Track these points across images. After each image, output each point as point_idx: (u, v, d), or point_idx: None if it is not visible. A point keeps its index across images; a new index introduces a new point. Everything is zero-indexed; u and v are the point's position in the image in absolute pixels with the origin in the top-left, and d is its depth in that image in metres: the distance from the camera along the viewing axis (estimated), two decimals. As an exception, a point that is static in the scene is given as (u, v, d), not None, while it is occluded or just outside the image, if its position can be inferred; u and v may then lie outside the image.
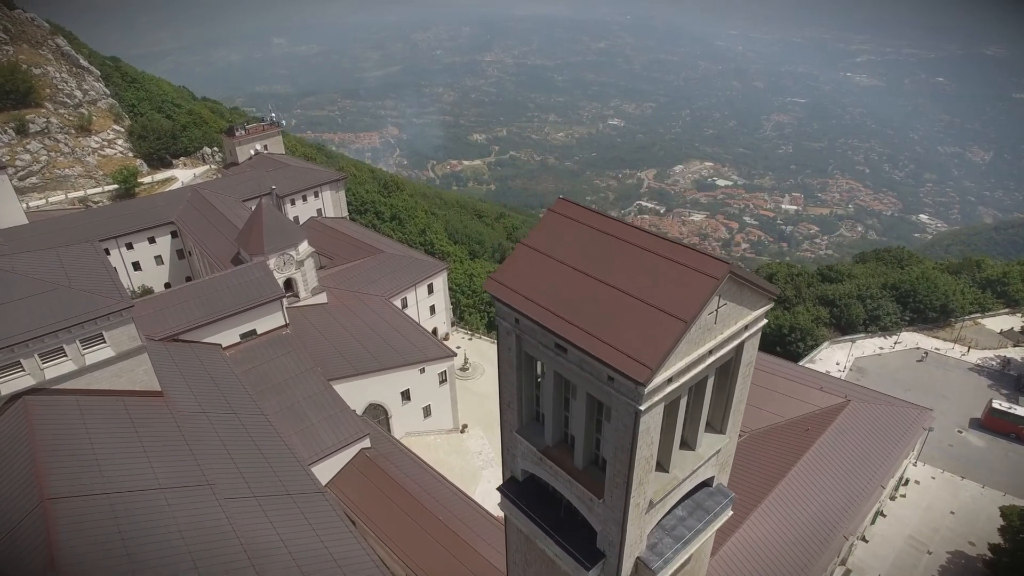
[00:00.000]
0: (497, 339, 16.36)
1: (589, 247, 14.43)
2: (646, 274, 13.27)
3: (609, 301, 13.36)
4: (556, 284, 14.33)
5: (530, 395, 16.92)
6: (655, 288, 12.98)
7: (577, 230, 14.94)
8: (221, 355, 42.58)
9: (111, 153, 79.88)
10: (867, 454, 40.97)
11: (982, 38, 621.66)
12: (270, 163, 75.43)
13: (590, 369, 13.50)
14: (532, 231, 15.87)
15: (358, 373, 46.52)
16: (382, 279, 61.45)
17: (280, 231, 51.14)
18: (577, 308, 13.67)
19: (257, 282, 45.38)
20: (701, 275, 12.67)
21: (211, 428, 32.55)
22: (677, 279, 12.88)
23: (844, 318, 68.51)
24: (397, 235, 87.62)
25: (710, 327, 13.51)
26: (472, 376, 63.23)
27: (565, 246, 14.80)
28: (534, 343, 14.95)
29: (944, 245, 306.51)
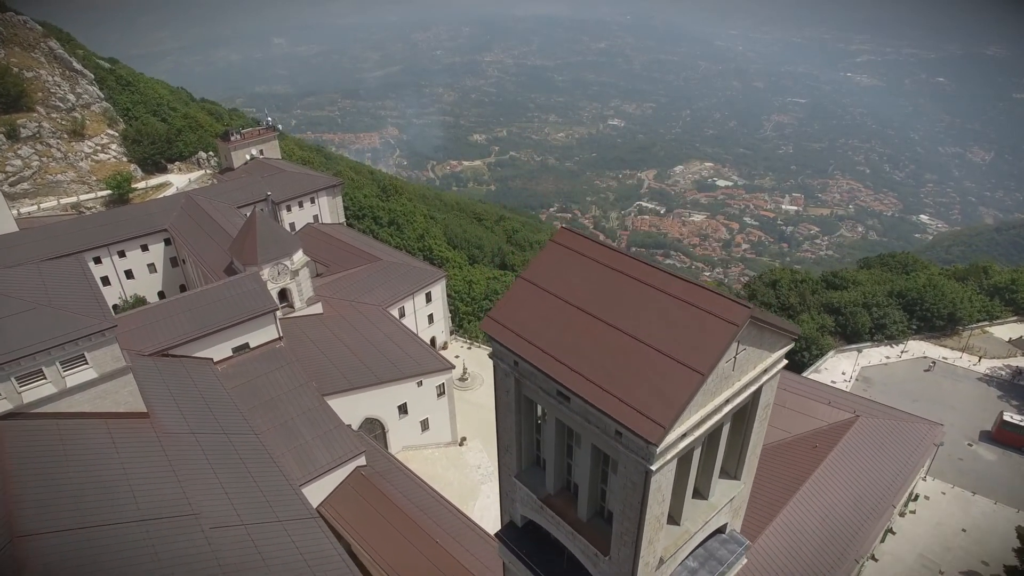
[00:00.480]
0: (495, 380, 15.15)
1: (595, 284, 13.21)
2: (658, 317, 12.06)
3: (617, 346, 12.15)
4: (558, 325, 13.12)
5: (530, 438, 15.73)
6: (668, 334, 11.77)
7: (581, 264, 13.71)
8: (212, 370, 41.39)
9: (105, 158, 78.67)
10: (877, 472, 39.81)
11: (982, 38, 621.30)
12: (266, 168, 74.22)
13: (595, 421, 12.31)
14: (532, 263, 14.63)
15: (354, 387, 45.33)
16: (379, 288, 60.25)
17: (274, 240, 49.95)
18: (581, 353, 12.46)
19: (250, 294, 44.18)
20: (719, 320, 11.46)
21: (199, 450, 31.35)
22: (692, 324, 11.67)
23: (850, 326, 67.31)
24: (395, 241, 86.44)
25: (727, 375, 12.31)
26: (471, 387, 62.02)
27: (568, 282, 13.57)
28: (534, 388, 13.75)
29: (945, 246, 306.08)
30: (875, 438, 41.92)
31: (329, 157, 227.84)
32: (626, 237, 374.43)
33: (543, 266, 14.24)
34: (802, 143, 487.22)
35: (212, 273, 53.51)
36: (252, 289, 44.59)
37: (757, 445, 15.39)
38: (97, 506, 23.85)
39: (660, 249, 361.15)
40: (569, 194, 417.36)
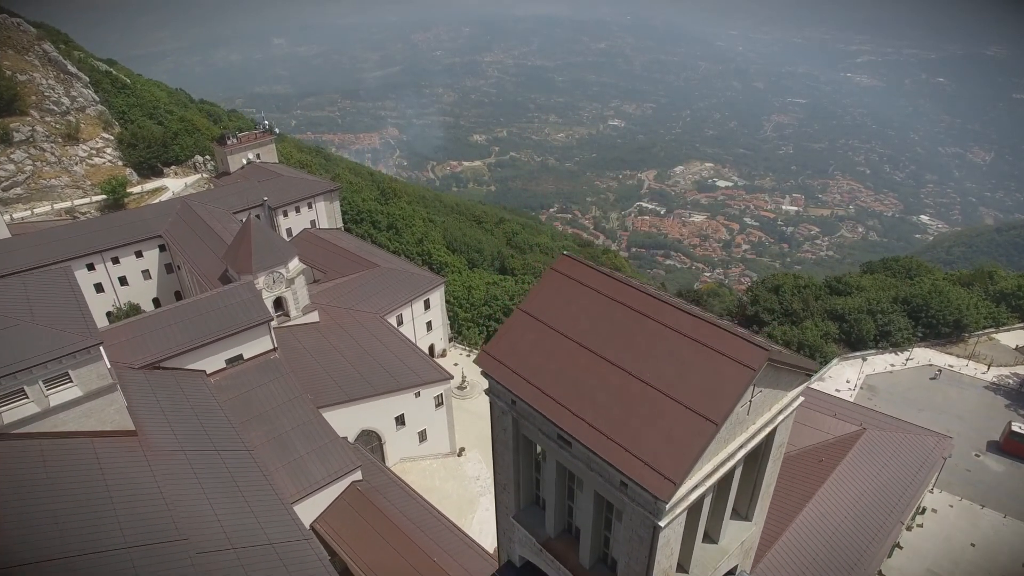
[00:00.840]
0: (491, 417, 14.23)
1: (598, 318, 12.28)
2: (667, 357, 11.15)
3: (622, 389, 11.24)
4: (559, 362, 12.21)
5: (529, 476, 14.81)
6: (678, 376, 10.86)
7: (585, 296, 12.79)
8: (205, 382, 40.48)
9: (100, 162, 77.72)
10: (884, 487, 38.92)
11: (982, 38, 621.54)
12: (262, 173, 73.30)
13: (599, 470, 11.41)
14: (531, 294, 13.71)
15: (350, 399, 44.44)
16: (377, 295, 59.35)
17: (269, 248, 49.04)
18: (584, 395, 11.56)
19: (244, 304, 43.27)
20: (734, 364, 10.55)
21: (189, 469, 30.45)
22: (705, 367, 10.76)
23: (854, 333, 66.38)
24: (394, 245, 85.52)
25: (742, 419, 11.41)
26: (470, 395, 61.10)
27: (570, 315, 12.66)
28: (533, 428, 12.83)
29: (945, 246, 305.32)
30: (882, 451, 41.02)
31: (328, 158, 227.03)
32: (626, 238, 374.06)
33: (542, 297, 13.32)
34: (802, 143, 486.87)
35: (207, 281, 52.62)
36: (246, 299, 43.68)
37: (770, 485, 14.49)
38: (80, 533, 22.96)
39: (660, 250, 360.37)
40: (569, 195, 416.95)
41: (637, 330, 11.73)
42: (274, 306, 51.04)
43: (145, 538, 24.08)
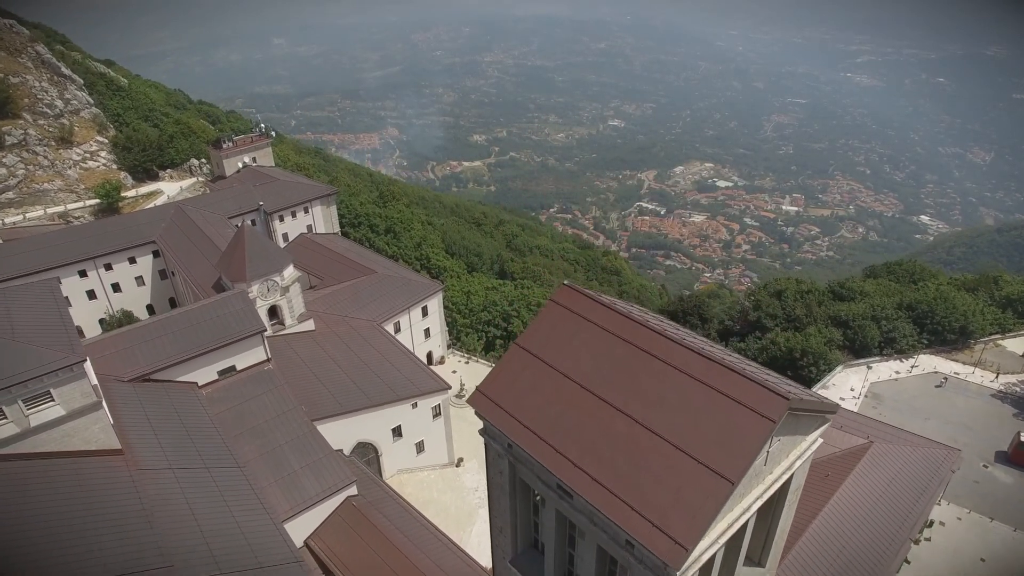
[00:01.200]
0: (486, 458, 13.26)
1: (603, 358, 11.31)
2: (679, 405, 10.19)
3: (629, 438, 10.28)
4: (560, 406, 11.24)
5: (527, 519, 13.84)
6: (691, 427, 9.90)
7: (587, 331, 11.82)
8: (196, 395, 39.52)
9: (94, 166, 76.68)
10: (893, 503, 37.96)
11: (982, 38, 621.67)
12: (258, 177, 72.30)
13: (603, 525, 10.43)
14: (530, 328, 12.72)
15: (346, 411, 43.49)
16: (373, 302, 58.37)
17: (263, 256, 48.07)
18: (587, 444, 10.60)
19: (237, 314, 42.30)
20: (752, 415, 9.59)
21: (177, 488, 29.48)
22: (720, 416, 9.80)
23: (858, 340, 65.40)
24: (392, 249, 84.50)
25: (759, 471, 10.44)
26: (468, 404, 60.11)
27: (572, 353, 11.68)
28: (531, 475, 11.85)
29: (946, 247, 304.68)
30: (890, 465, 40.06)
31: (328, 159, 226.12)
32: (626, 238, 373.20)
33: (541, 331, 12.33)
34: (802, 143, 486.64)
35: (200, 289, 51.67)
36: (239, 309, 42.71)
37: (784, 530, 13.52)
38: (59, 562, 21.99)
39: (660, 250, 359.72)
40: (569, 195, 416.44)
41: (644, 372, 10.77)
42: (269, 314, 50.14)
43: (128, 566, 23.11)
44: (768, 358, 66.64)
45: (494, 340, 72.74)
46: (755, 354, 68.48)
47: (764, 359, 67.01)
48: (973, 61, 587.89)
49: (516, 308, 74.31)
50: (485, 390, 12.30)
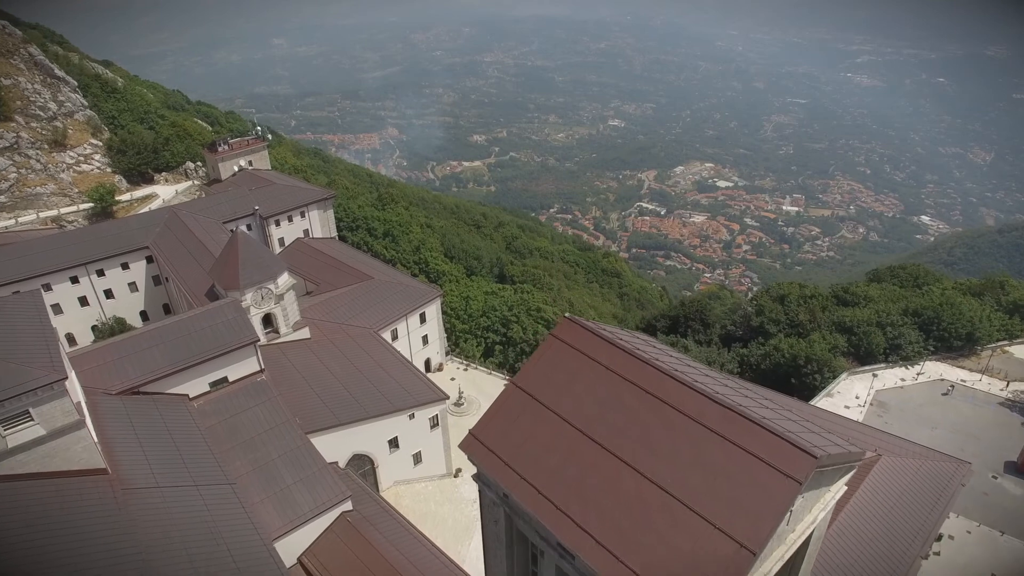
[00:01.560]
0: (480, 506, 12.22)
1: (609, 403, 10.27)
2: (692, 459, 9.16)
3: (637, 497, 9.25)
4: (561, 456, 10.20)
5: (525, 570, 12.78)
6: (706, 485, 8.86)
7: (591, 372, 10.77)
8: (187, 408, 38.48)
9: (87, 169, 75.62)
10: (902, 519, 36.95)
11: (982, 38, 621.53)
12: (254, 180, 71.23)
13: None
14: (528, 365, 11.69)
15: (341, 424, 42.45)
16: (370, 309, 57.35)
17: (257, 263, 47.04)
18: (590, 500, 9.57)
19: (229, 324, 41.26)
20: (776, 474, 8.57)
21: (164, 509, 28.46)
22: (739, 476, 8.77)
23: (863, 347, 64.37)
24: (390, 253, 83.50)
25: (781, 532, 9.39)
26: (467, 412, 59.06)
27: (574, 396, 10.64)
28: (529, 529, 10.81)
29: (947, 248, 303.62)
30: (899, 480, 39.05)
31: (327, 160, 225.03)
32: (626, 238, 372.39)
33: (541, 370, 11.29)
34: (802, 144, 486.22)
35: (193, 296, 50.65)
36: (231, 319, 41.66)
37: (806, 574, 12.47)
38: (35, 593, 20.96)
39: (660, 250, 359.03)
40: (569, 195, 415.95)
41: (654, 420, 9.73)
42: (263, 323, 49.15)
43: (109, 596, 22.09)
44: (771, 364, 65.66)
45: (493, 346, 71.76)
46: (758, 360, 67.52)
47: (767, 365, 66.05)
48: (973, 61, 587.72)
49: (516, 313, 73.32)
50: (479, 434, 11.27)
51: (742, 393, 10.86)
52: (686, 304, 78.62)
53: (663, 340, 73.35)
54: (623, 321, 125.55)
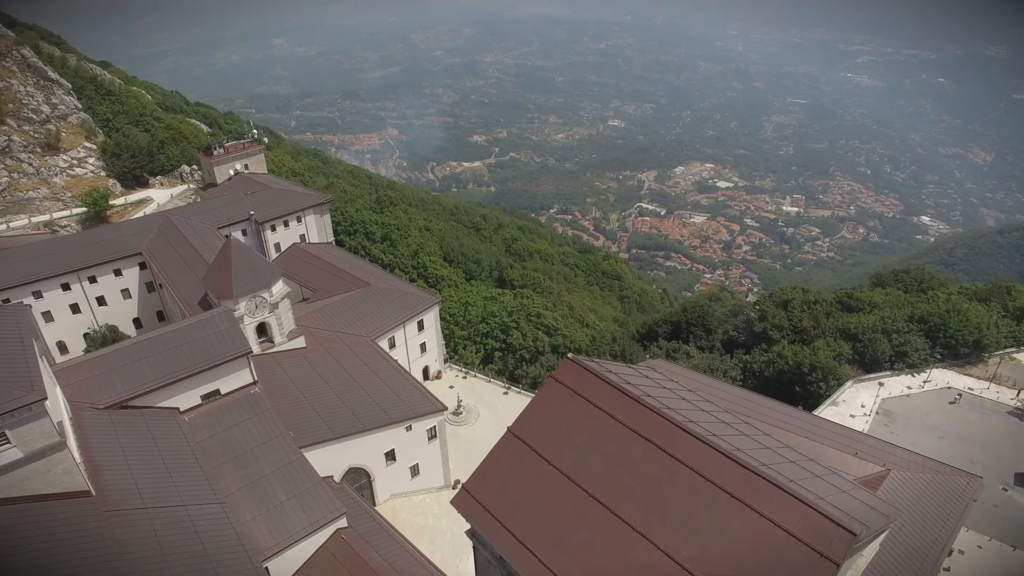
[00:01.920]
0: (475, 563, 11.17)
1: (616, 458, 9.21)
2: (714, 531, 8.07)
3: (651, 571, 8.14)
4: (563, 518, 9.14)
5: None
6: (730, 563, 7.76)
7: (595, 421, 9.71)
8: (177, 422, 37.44)
9: (81, 173, 74.59)
10: (912, 538, 35.83)
11: (983, 38, 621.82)
12: (250, 184, 70.19)
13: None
14: (526, 412, 10.64)
15: (336, 437, 41.40)
16: (367, 316, 56.32)
17: (251, 271, 45.97)
18: (595, 568, 8.46)
19: (221, 336, 40.21)
20: (812, 554, 7.45)
21: (150, 533, 27.40)
22: (765, 550, 7.66)
23: (868, 354, 63.31)
24: (388, 257, 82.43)
25: (813, 611, 8.29)
26: (466, 421, 58.06)
27: (577, 449, 9.59)
28: (529, 596, 9.71)
29: (947, 248, 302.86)
30: (909, 496, 37.96)
31: (326, 161, 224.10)
32: (626, 239, 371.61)
33: (541, 418, 10.23)
34: (803, 144, 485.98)
35: (186, 304, 49.61)
36: (224, 330, 40.61)
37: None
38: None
39: (661, 251, 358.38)
40: (569, 195, 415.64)
41: (666, 480, 8.67)
42: (257, 332, 48.11)
43: (88, 630, 21.05)
44: (775, 372, 64.60)
45: (492, 352, 70.74)
46: (761, 367, 66.48)
47: (771, 372, 64.99)
48: (973, 61, 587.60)
49: (515, 319, 72.27)
50: (473, 489, 10.23)
51: (760, 444, 9.79)
52: (688, 309, 77.55)
53: (665, 346, 72.28)
54: (624, 324, 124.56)
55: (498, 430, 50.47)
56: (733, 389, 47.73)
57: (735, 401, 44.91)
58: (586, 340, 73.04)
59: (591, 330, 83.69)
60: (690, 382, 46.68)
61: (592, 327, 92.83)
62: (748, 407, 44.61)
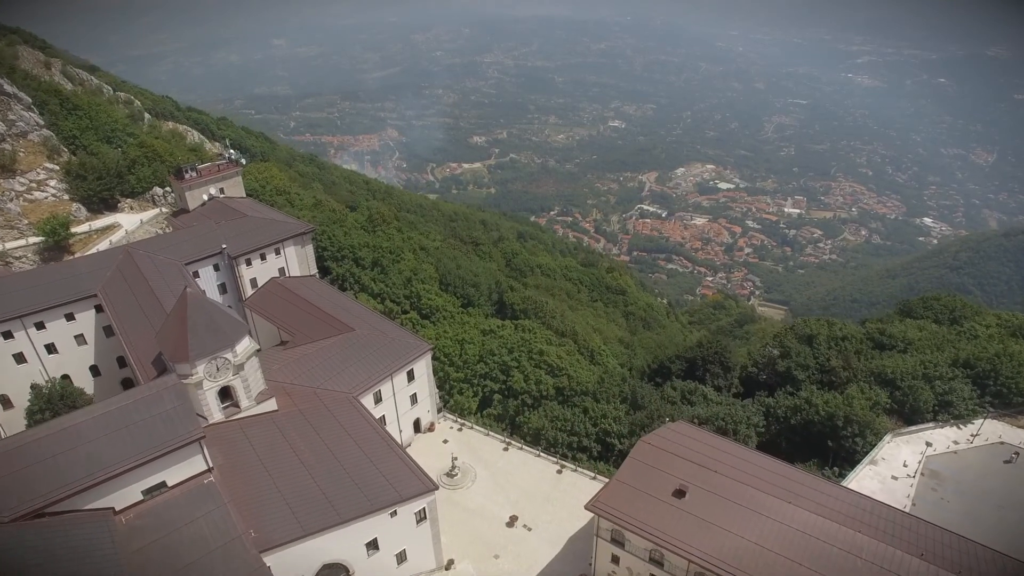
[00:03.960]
0: None
1: None
2: None
3: None
4: None
5: None
6: None
7: None
8: (110, 527, 30.99)
9: (40, 197, 67.99)
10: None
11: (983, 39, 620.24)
12: (225, 212, 63.64)
13: None
14: None
15: (308, 534, 34.94)
16: (350, 369, 49.89)
17: (211, 329, 39.49)
18: None
19: (168, 417, 33.82)
20: None
21: None
22: None
23: (908, 403, 56.98)
24: (378, 287, 76.01)
25: None
26: (461, 483, 51.64)
27: None
28: None
29: (952, 252, 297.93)
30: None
31: (322, 167, 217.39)
32: (627, 241, 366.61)
33: None
34: (804, 145, 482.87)
35: (140, 364, 43.21)
36: (172, 409, 34.22)
37: None
38: None
39: (662, 253, 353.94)
40: (570, 197, 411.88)
41: None
42: (220, 395, 41.64)
43: None
44: (802, 421, 58.22)
45: (491, 395, 64.37)
46: (786, 413, 60.20)
47: (798, 421, 58.61)
48: (974, 61, 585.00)
49: (516, 358, 65.89)
50: None
51: None
52: (704, 345, 71.24)
53: (680, 387, 65.94)
54: (630, 346, 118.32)
55: (497, 495, 42.78)
56: (762, 460, 41.87)
57: (767, 477, 39.10)
58: (593, 381, 66.68)
59: (599, 367, 77.39)
60: (719, 454, 40.77)
61: (599, 357, 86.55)
62: (783, 483, 38.73)
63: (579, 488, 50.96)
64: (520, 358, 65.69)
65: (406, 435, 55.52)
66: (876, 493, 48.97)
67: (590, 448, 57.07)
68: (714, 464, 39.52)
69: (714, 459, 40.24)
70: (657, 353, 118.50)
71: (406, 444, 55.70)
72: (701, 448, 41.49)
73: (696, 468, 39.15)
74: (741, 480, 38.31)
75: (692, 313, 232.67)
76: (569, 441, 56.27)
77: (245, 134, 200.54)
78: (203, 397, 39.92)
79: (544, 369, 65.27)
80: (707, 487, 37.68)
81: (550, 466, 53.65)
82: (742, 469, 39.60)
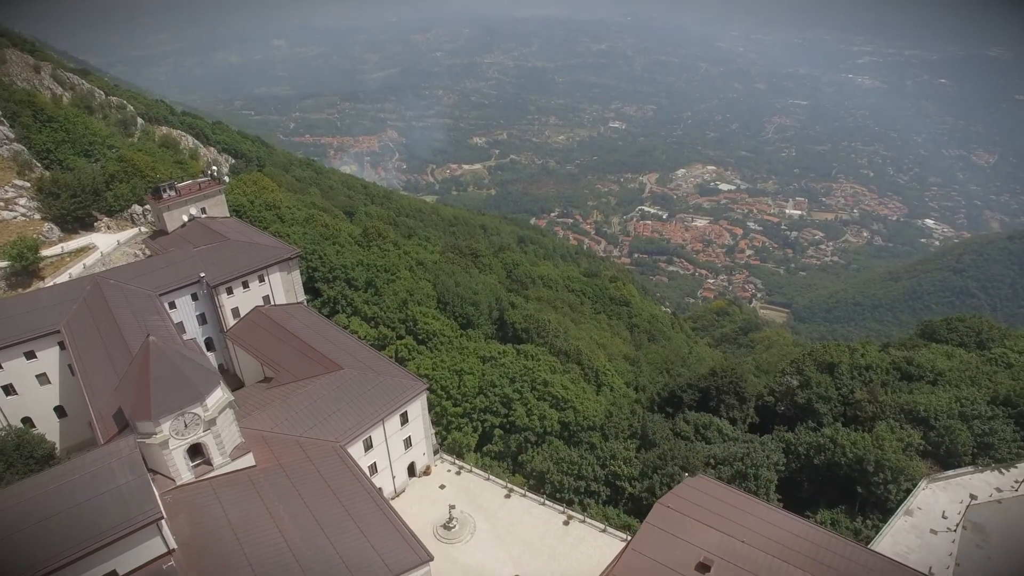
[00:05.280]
0: None
1: None
2: None
3: None
4: None
5: None
6: None
7: None
8: (49, 632, 26.52)
9: (9, 217, 63.48)
10: None
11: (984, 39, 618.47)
12: (206, 235, 59.10)
13: None
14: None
15: (281, 626, 30.51)
16: (337, 413, 45.47)
17: (176, 382, 35.06)
18: None
19: (120, 496, 29.37)
20: None
21: None
22: None
23: (944, 445, 52.59)
24: (371, 309, 71.55)
25: None
26: (459, 536, 47.18)
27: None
28: None
29: (955, 254, 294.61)
30: None
31: (320, 171, 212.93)
32: (628, 243, 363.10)
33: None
34: (805, 146, 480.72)
35: (101, 418, 38.72)
36: (125, 484, 29.76)
37: None
38: None
39: (663, 255, 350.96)
40: (570, 198, 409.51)
41: None
42: (189, 454, 37.20)
43: None
44: (826, 461, 53.73)
45: (492, 430, 59.90)
46: (808, 451, 55.81)
47: (821, 461, 54.12)
48: (975, 62, 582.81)
49: (518, 389, 61.43)
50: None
51: None
52: (718, 374, 66.80)
53: (692, 419, 61.61)
54: (635, 363, 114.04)
55: (498, 550, 37.02)
56: (792, 524, 37.74)
57: (798, 547, 34.97)
58: (601, 414, 62.28)
59: (605, 393, 72.98)
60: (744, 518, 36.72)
61: (605, 378, 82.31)
62: (815, 554, 34.66)
63: (587, 543, 46.68)
64: (522, 389, 61.28)
65: (400, 481, 51.15)
66: (916, 551, 44.72)
67: (598, 492, 52.81)
68: (740, 531, 35.44)
69: (740, 524, 36.18)
70: (663, 368, 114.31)
71: (400, 490, 51.41)
72: (724, 511, 37.35)
73: (721, 537, 35.06)
74: (770, 551, 34.18)
75: (696, 319, 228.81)
76: (576, 486, 51.94)
77: (241, 139, 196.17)
78: (169, 458, 35.53)
79: (548, 401, 60.86)
80: (734, 560, 33.52)
81: (556, 516, 49.26)
82: (770, 536, 35.53)
